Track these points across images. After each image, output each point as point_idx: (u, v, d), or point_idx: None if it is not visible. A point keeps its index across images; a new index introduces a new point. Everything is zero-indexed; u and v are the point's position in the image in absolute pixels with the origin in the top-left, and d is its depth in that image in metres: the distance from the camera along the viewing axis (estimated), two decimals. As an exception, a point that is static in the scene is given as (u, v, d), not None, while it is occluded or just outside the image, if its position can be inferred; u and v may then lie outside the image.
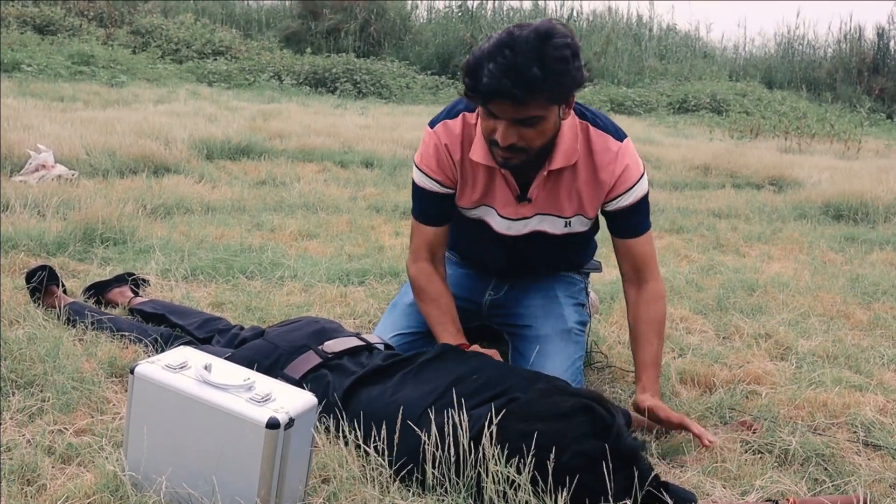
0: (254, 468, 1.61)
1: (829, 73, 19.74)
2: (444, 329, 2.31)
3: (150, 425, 1.72)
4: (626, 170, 2.24)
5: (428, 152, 2.32)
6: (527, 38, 1.91)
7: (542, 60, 1.90)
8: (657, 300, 2.33)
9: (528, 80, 1.90)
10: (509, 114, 1.99)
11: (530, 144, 2.06)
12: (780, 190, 6.90)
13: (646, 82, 17.93)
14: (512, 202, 2.31)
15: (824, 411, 2.38)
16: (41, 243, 3.47)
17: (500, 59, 1.90)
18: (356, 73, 14.43)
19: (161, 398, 1.69)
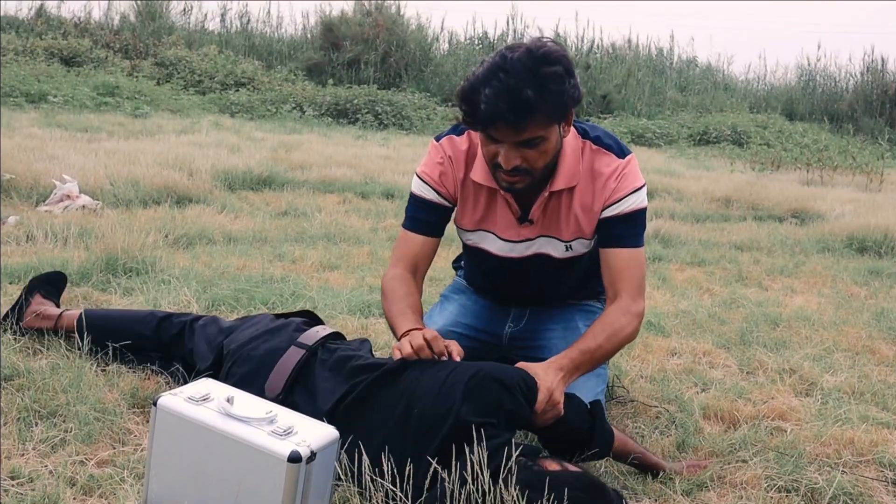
0: (275, 502, 1.60)
1: (851, 105, 19.69)
2: (403, 317, 2.16)
3: (172, 457, 1.72)
4: (623, 180, 2.20)
5: (431, 163, 2.30)
6: (520, 60, 1.90)
7: (537, 81, 1.89)
8: (624, 314, 2.17)
9: (523, 102, 1.89)
10: (510, 137, 1.98)
11: (534, 165, 2.05)
12: (802, 222, 6.85)
13: (666, 114, 17.95)
14: (513, 224, 2.28)
15: (851, 449, 2.35)
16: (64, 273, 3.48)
17: (496, 82, 1.90)
18: (377, 105, 14.53)
19: (183, 430, 1.70)
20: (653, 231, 5.76)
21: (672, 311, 3.78)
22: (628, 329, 2.17)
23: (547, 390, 1.92)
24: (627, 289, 2.20)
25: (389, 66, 18.19)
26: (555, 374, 1.99)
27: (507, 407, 1.83)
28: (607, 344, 2.13)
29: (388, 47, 18.21)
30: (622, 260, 2.22)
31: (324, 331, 2.20)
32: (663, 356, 3.14)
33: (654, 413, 2.56)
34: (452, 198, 2.32)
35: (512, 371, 1.92)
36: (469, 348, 2.53)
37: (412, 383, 1.89)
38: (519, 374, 1.91)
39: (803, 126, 17.65)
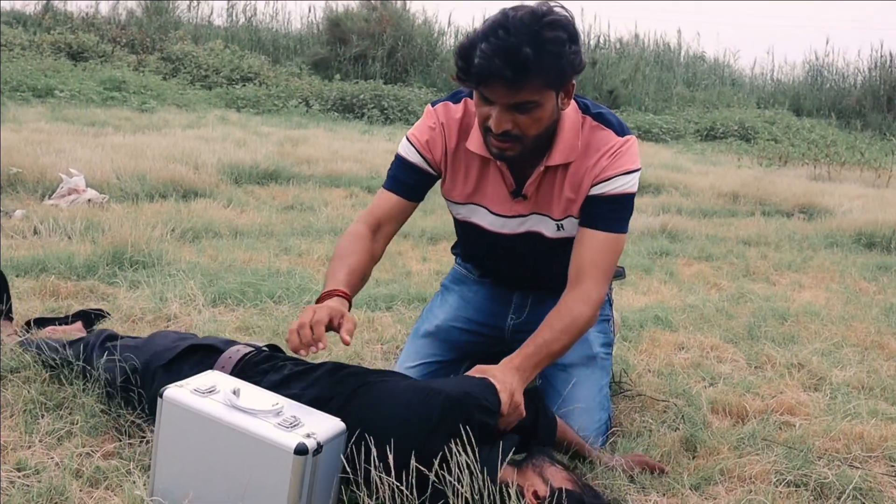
0: (281, 494, 1.60)
1: (859, 100, 19.62)
2: (332, 277, 2.06)
3: (179, 449, 1.71)
4: (617, 158, 2.10)
5: (423, 127, 2.23)
6: (521, 19, 1.83)
7: (537, 41, 1.82)
8: (584, 301, 2.07)
9: (520, 60, 1.81)
10: (503, 98, 1.89)
11: (525, 132, 1.96)
12: (810, 218, 6.83)
13: (673, 110, 17.92)
14: (506, 198, 2.21)
15: (860, 444, 2.33)
16: (71, 266, 3.49)
17: (493, 39, 1.82)
18: (384, 99, 14.52)
19: (189, 422, 1.69)
20: (660, 226, 5.74)
21: (679, 305, 3.76)
22: (585, 317, 2.07)
23: (508, 394, 1.84)
24: (594, 274, 2.10)
25: (396, 62, 18.17)
26: (512, 374, 1.91)
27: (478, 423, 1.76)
28: (564, 336, 2.04)
29: (395, 42, 18.18)
30: (598, 242, 2.12)
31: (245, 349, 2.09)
32: (671, 350, 3.13)
33: (662, 407, 2.55)
34: (437, 165, 2.24)
35: (475, 386, 1.82)
36: (471, 343, 2.53)
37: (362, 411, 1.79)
38: (481, 386, 1.82)
39: (811, 121, 17.60)
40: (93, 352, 2.27)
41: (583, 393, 2.34)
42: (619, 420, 2.46)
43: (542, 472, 1.76)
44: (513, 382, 1.88)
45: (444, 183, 2.28)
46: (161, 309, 3.12)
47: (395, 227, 2.26)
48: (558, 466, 1.79)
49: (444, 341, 2.51)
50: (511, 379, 1.89)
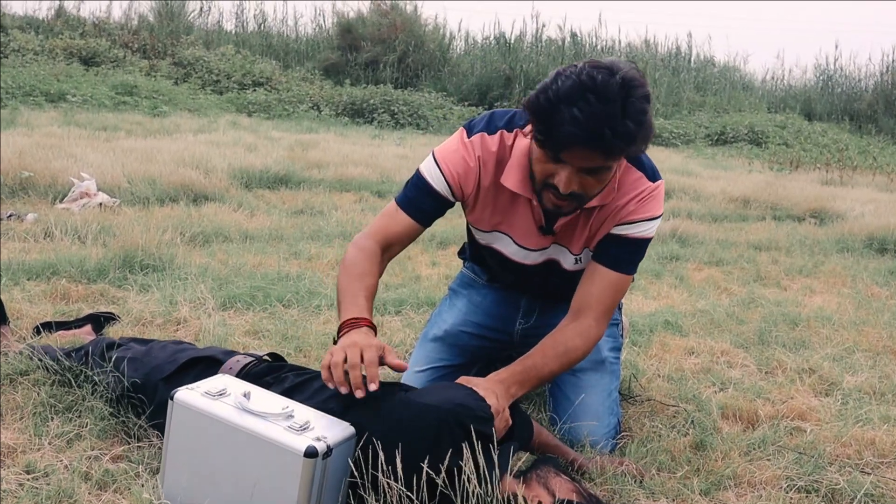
0: (291, 497, 1.60)
1: (871, 104, 19.55)
2: (353, 301, 1.97)
3: (189, 451, 1.72)
4: (644, 204, 2.09)
5: (457, 158, 2.12)
6: (609, 85, 1.72)
7: (630, 112, 1.73)
8: (581, 335, 2.08)
9: (623, 133, 1.73)
10: (581, 162, 1.82)
11: (588, 193, 1.92)
12: (821, 222, 6.80)
13: (684, 114, 17.89)
14: (533, 232, 2.18)
15: (872, 449, 2.32)
16: (82, 270, 3.51)
17: (584, 104, 1.71)
18: (394, 104, 14.55)
19: (200, 424, 1.69)
20: (670, 230, 5.73)
21: (690, 310, 3.75)
22: (580, 351, 2.09)
23: (494, 401, 1.85)
24: (597, 311, 2.11)
25: (407, 67, 18.20)
26: (496, 386, 1.91)
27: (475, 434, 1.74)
28: (555, 363, 2.05)
29: (406, 48, 18.22)
30: (607, 280, 2.12)
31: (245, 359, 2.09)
32: (681, 355, 3.12)
33: (672, 412, 2.54)
34: (461, 196, 2.17)
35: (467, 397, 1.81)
36: (480, 347, 2.52)
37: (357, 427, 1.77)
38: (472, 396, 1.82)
39: (822, 126, 17.55)
40: (93, 362, 2.27)
41: (592, 398, 2.33)
42: (629, 425, 2.45)
43: (547, 483, 1.75)
44: (500, 394, 1.89)
45: (472, 211, 2.23)
46: (171, 313, 3.13)
47: (402, 248, 2.23)
48: (563, 477, 1.78)
49: (453, 346, 2.51)
50: (498, 391, 1.90)
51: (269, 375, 2.01)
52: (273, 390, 1.93)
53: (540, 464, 1.83)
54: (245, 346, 2.88)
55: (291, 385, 1.95)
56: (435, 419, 1.71)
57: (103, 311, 3.05)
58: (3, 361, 2.37)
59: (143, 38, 17.17)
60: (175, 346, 2.26)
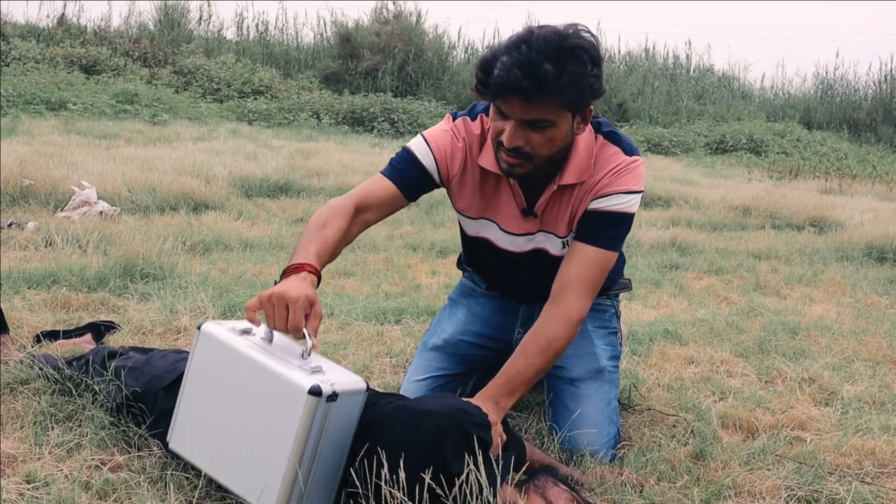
0: (289, 433, 1.62)
1: (870, 113, 19.59)
2: (302, 249, 1.95)
3: (206, 381, 1.80)
4: (619, 176, 2.10)
5: (445, 138, 2.18)
6: (545, 37, 1.83)
7: (558, 60, 1.82)
8: (562, 321, 2.06)
9: (540, 75, 1.81)
10: (519, 113, 1.89)
11: (536, 151, 1.96)
12: (821, 231, 6.81)
13: (683, 122, 17.92)
14: (517, 216, 2.21)
15: (872, 459, 2.32)
16: (82, 278, 3.51)
17: (516, 53, 1.83)
18: (393, 113, 14.57)
19: (220, 355, 1.76)
20: (670, 239, 5.74)
21: (689, 319, 3.75)
22: (563, 338, 2.07)
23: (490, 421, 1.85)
24: (577, 289, 2.08)
25: (407, 75, 18.23)
26: (485, 404, 1.91)
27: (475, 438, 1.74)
28: (540, 360, 2.04)
29: (406, 56, 18.26)
30: (586, 256, 2.10)
31: None
32: (681, 365, 3.12)
33: (672, 422, 2.54)
34: (447, 177, 2.20)
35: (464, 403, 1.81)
36: (479, 356, 2.52)
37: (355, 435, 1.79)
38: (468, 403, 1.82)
39: (822, 135, 17.58)
40: (93, 371, 2.27)
41: (591, 407, 2.33)
42: (629, 435, 2.45)
43: (545, 492, 1.75)
44: (486, 410, 1.88)
45: (459, 197, 2.26)
46: (171, 321, 3.13)
47: (378, 216, 2.18)
48: (562, 487, 1.78)
49: (453, 355, 2.51)
50: (485, 408, 1.89)
51: None
52: None
53: (538, 473, 1.83)
54: (245, 355, 2.88)
55: None
56: (434, 424, 1.70)
57: (103, 320, 3.06)
58: (4, 370, 2.37)
59: (143, 47, 17.20)
60: (175, 354, 2.26)
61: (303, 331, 1.72)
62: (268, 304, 1.74)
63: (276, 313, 1.73)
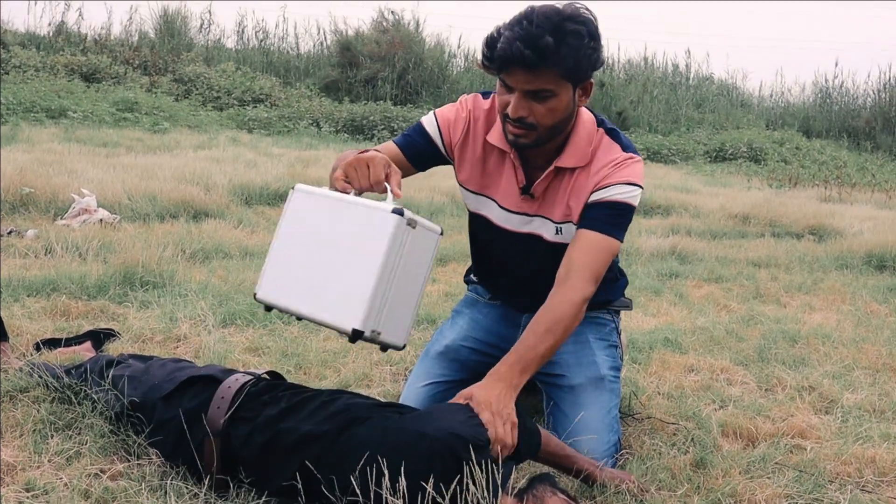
0: (377, 252, 1.81)
1: (869, 122, 19.63)
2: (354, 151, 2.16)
3: (299, 229, 1.97)
4: (619, 169, 2.18)
5: (451, 109, 2.34)
6: (545, 12, 1.97)
7: (557, 32, 1.95)
8: (568, 302, 2.10)
9: (540, 47, 1.93)
10: (521, 83, 2.00)
11: (540, 121, 2.06)
12: (820, 239, 6.81)
13: (682, 131, 17.94)
14: (516, 194, 2.29)
15: (873, 468, 2.32)
16: (82, 286, 3.51)
17: (517, 28, 1.96)
18: (393, 121, 14.59)
19: (314, 205, 1.96)
20: (670, 247, 5.74)
21: (689, 327, 3.75)
22: (569, 315, 2.10)
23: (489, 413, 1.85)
24: (582, 273, 2.13)
25: (406, 84, 18.27)
26: (494, 386, 1.94)
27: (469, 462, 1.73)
28: (549, 336, 2.07)
29: (406, 65, 18.29)
30: (590, 242, 2.15)
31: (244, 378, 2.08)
32: (681, 373, 3.12)
33: (672, 430, 2.54)
34: (450, 147, 2.32)
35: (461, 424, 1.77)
36: (481, 363, 2.51)
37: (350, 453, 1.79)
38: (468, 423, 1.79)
39: (821, 143, 17.60)
40: (91, 380, 2.27)
41: (591, 415, 2.33)
42: (629, 443, 2.45)
43: (544, 502, 1.75)
44: (493, 397, 1.90)
45: (461, 169, 2.35)
46: (171, 329, 3.13)
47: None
48: (560, 495, 1.78)
49: (454, 360, 2.52)
50: (493, 393, 1.91)
51: (266, 394, 2.01)
52: (269, 410, 1.94)
53: (536, 482, 1.82)
54: (245, 363, 2.88)
55: (288, 405, 1.95)
56: (427, 449, 1.71)
57: (103, 328, 3.05)
58: (3, 378, 2.37)
59: (143, 55, 17.23)
60: (174, 364, 2.26)
61: (384, 184, 1.94)
62: (350, 168, 1.97)
63: (359, 174, 1.96)
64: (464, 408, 1.85)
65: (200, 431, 1.96)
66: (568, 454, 2.07)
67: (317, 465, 1.81)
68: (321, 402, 1.94)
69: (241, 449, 1.92)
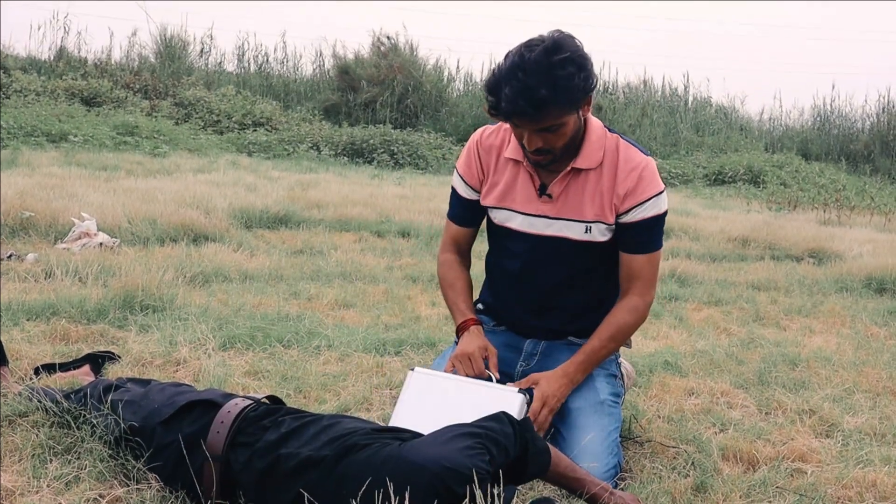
0: None
1: (867, 145, 19.69)
2: (455, 308, 2.58)
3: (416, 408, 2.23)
4: (644, 180, 2.39)
5: (464, 157, 2.58)
6: (536, 60, 2.13)
7: (550, 81, 2.12)
8: (630, 311, 2.45)
9: (538, 100, 2.13)
10: (530, 126, 2.23)
11: (554, 146, 2.29)
12: (820, 262, 6.81)
13: (681, 154, 17.99)
14: (533, 197, 2.45)
15: (873, 491, 2.31)
16: (82, 310, 3.51)
17: (515, 82, 2.13)
18: (393, 144, 14.63)
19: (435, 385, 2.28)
20: (669, 270, 5.74)
21: (689, 350, 3.75)
22: (631, 324, 2.46)
23: (541, 402, 2.30)
24: (639, 286, 2.45)
25: (406, 107, 18.34)
26: (558, 381, 2.35)
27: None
28: (611, 343, 2.44)
29: (405, 89, 18.38)
30: (639, 263, 2.45)
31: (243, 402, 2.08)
32: (681, 396, 3.11)
33: (672, 454, 2.53)
34: (479, 184, 2.55)
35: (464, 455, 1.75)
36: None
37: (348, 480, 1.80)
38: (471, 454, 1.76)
39: (820, 166, 17.64)
40: (91, 404, 2.26)
41: (591, 437, 2.33)
42: (630, 466, 2.44)
43: None
44: (555, 389, 2.33)
45: (486, 195, 2.54)
46: (171, 353, 3.13)
47: (471, 242, 2.70)
48: None
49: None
50: (555, 386, 2.34)
51: (266, 419, 2.01)
52: (269, 435, 1.93)
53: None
54: (245, 386, 2.88)
55: (288, 430, 1.95)
56: (424, 482, 1.70)
57: (102, 351, 3.05)
58: (3, 402, 2.36)
59: (144, 79, 17.32)
60: (173, 388, 2.26)
61: (486, 372, 2.36)
62: (457, 362, 2.40)
63: (463, 367, 2.38)
64: (464, 435, 1.83)
65: (200, 456, 1.96)
66: (578, 476, 2.04)
67: (315, 492, 1.81)
68: (322, 427, 1.94)
69: (241, 473, 1.92)
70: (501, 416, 1.90)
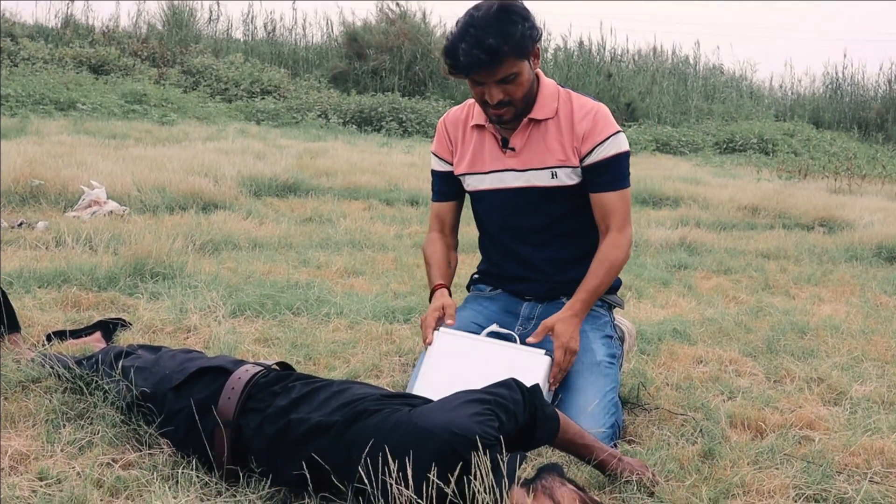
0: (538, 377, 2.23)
1: (880, 113, 19.53)
2: (430, 278, 2.72)
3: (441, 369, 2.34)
4: (601, 119, 2.53)
5: (436, 138, 2.77)
6: (484, 17, 2.34)
7: (499, 30, 2.33)
8: (614, 246, 2.56)
9: (491, 48, 2.32)
10: (489, 78, 2.39)
11: (514, 96, 2.44)
12: (830, 231, 6.79)
13: (691, 122, 17.88)
14: (498, 154, 2.61)
15: (881, 459, 2.31)
16: (93, 278, 3.53)
17: (468, 38, 2.33)
18: (401, 112, 14.59)
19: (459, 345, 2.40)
20: (678, 239, 5.73)
21: (698, 318, 3.75)
22: (620, 258, 2.57)
23: (562, 350, 2.38)
24: (616, 221, 2.57)
25: (414, 75, 18.25)
26: (570, 321, 2.43)
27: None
28: (607, 277, 2.54)
29: (413, 56, 18.27)
30: (611, 200, 2.57)
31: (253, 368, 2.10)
32: (689, 364, 3.12)
33: (681, 421, 2.54)
34: (451, 157, 2.71)
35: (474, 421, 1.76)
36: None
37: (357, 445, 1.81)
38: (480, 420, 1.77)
39: (831, 134, 17.53)
40: (102, 370, 2.28)
41: (587, 397, 2.38)
42: (638, 433, 2.46)
43: (553, 493, 1.74)
44: (571, 331, 2.41)
45: (458, 165, 2.69)
46: (181, 320, 3.15)
47: (455, 219, 2.83)
48: (569, 486, 1.78)
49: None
50: (570, 329, 2.42)
51: (277, 385, 2.02)
52: (280, 401, 1.95)
53: (545, 472, 1.82)
54: (255, 353, 2.90)
55: (299, 395, 1.96)
56: (433, 448, 1.71)
57: (112, 318, 3.07)
58: (16, 369, 2.39)
59: (152, 47, 17.26)
60: (184, 354, 2.28)
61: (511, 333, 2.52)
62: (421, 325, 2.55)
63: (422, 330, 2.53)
64: (474, 402, 1.83)
65: (211, 422, 1.97)
66: (587, 443, 2.06)
67: (325, 457, 1.82)
68: (332, 393, 1.95)
69: (252, 439, 1.94)
70: (511, 383, 1.91)
